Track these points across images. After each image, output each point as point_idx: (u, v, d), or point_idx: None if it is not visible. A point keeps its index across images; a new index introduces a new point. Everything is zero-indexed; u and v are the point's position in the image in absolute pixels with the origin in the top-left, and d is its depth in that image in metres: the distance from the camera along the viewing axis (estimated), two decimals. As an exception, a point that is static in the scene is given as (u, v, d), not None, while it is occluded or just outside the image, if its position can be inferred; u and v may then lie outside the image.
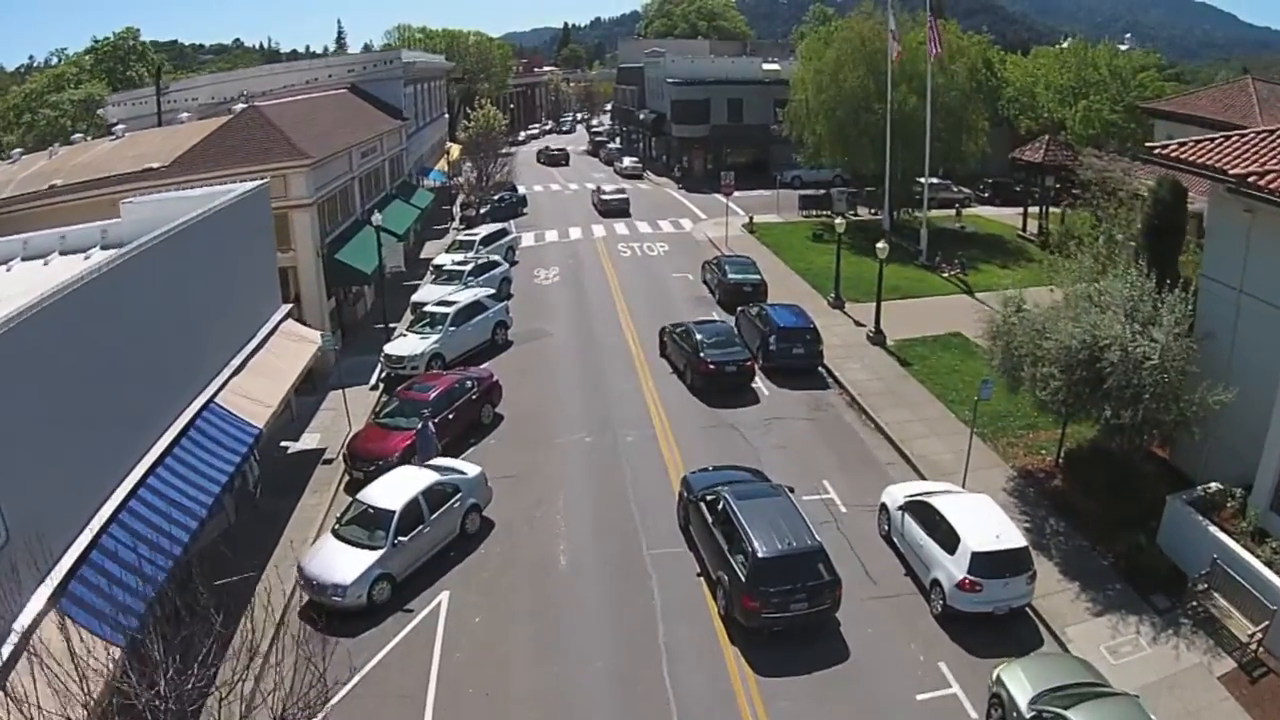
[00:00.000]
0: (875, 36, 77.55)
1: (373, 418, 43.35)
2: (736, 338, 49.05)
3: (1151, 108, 74.88)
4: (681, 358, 48.29)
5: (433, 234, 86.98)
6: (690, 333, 48.07)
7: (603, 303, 62.52)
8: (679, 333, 49.43)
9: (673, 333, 50.28)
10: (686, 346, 47.70)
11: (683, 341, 48.37)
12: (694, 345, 46.90)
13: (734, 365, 46.16)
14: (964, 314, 54.71)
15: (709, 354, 46.03)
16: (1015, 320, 35.50)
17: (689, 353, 47.14)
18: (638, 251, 76.75)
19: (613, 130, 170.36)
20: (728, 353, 46.58)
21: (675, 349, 49.43)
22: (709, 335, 47.65)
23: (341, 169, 59.35)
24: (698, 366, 46.14)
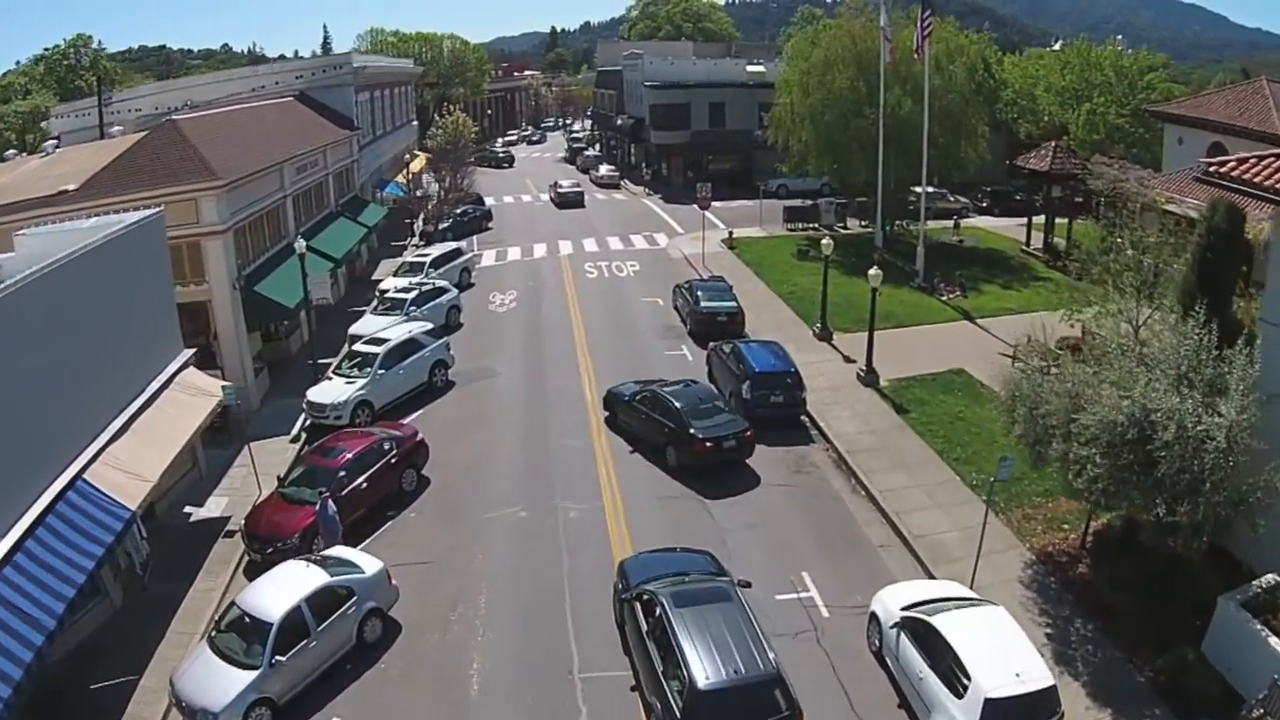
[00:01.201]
0: (866, 35, 70.91)
1: (277, 486, 36.80)
2: (722, 399, 41.27)
3: (1160, 111, 69.49)
4: (656, 433, 39.45)
5: (391, 251, 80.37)
6: (661, 400, 39.65)
7: (560, 334, 55.96)
8: (643, 399, 40.80)
9: (634, 401, 41.25)
10: (664, 420, 39.00)
11: (653, 411, 39.81)
12: (675, 418, 38.44)
13: (733, 438, 37.93)
14: (966, 345, 51.15)
15: (700, 428, 37.79)
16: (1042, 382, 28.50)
17: (670, 428, 38.47)
18: (605, 271, 70.03)
19: (592, 136, 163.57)
20: (721, 423, 38.41)
21: (641, 421, 40.59)
22: (689, 402, 39.19)
23: (270, 188, 53.26)
24: (689, 445, 37.60)
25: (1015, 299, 59.61)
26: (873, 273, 44.93)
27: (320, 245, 57.91)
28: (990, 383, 43.77)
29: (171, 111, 66.65)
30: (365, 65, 78.43)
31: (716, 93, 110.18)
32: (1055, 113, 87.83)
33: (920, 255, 63.25)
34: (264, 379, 49.86)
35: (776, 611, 28.84)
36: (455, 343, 53.66)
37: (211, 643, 26.58)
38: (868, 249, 70.57)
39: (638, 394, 41.40)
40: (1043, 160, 69.05)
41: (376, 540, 34.57)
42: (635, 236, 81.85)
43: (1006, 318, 55.25)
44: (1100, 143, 79.17)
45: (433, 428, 42.71)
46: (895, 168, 68.88)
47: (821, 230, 78.47)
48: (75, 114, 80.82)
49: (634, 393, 41.68)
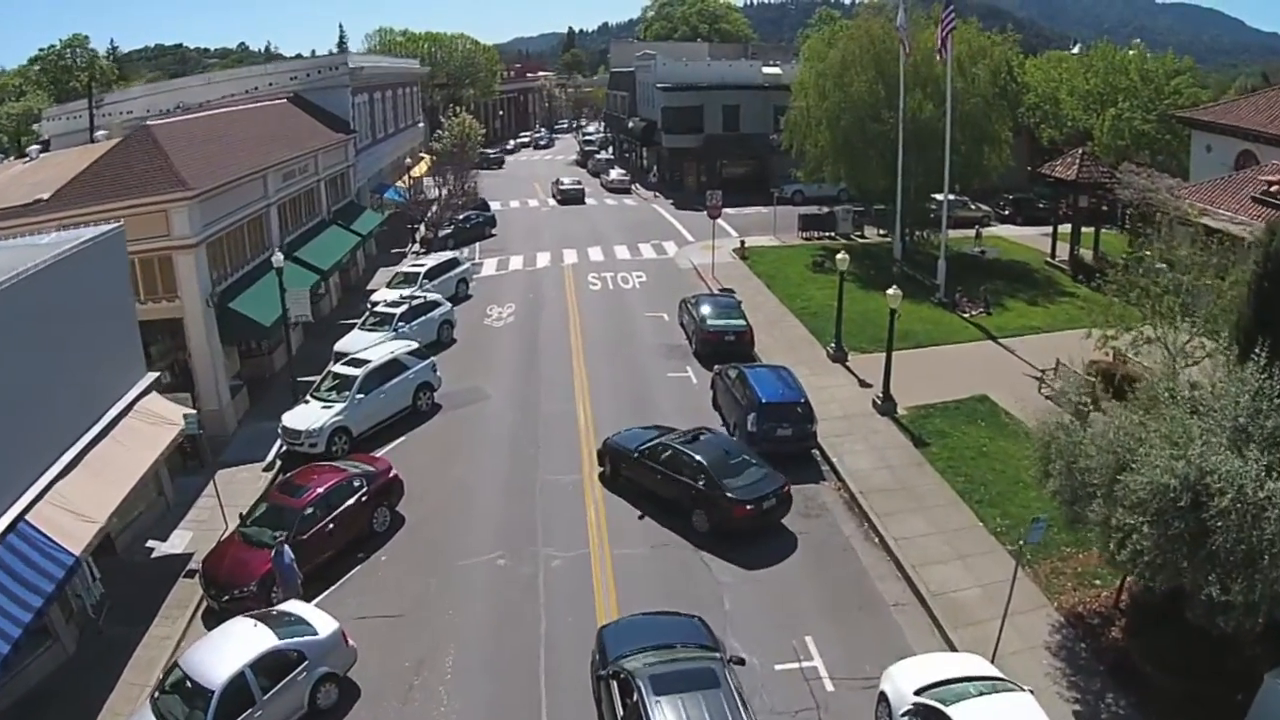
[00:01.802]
0: (885, 36, 67.57)
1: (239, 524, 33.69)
2: (753, 455, 35.55)
3: (1188, 117, 66.65)
4: (679, 494, 34.33)
5: (390, 259, 77.21)
6: (682, 456, 34.69)
7: (557, 353, 52.65)
8: (657, 454, 35.56)
9: (645, 457, 35.91)
10: (690, 480, 33.93)
11: (673, 469, 34.72)
12: (704, 477, 33.42)
13: (772, 496, 33.28)
14: (990, 368, 48.37)
15: (737, 488, 32.95)
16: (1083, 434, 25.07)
17: (698, 490, 33.43)
18: (610, 283, 66.71)
19: (605, 139, 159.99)
20: (758, 480, 33.63)
21: (657, 480, 35.30)
22: (715, 457, 34.25)
23: (250, 197, 50.29)
24: (726, 510, 32.75)
25: (1041, 316, 56.40)
26: (891, 293, 41.43)
27: (307, 256, 55.13)
28: (1016, 411, 41.17)
29: (164, 114, 64.07)
30: (362, 66, 75.26)
31: (731, 95, 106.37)
32: (1079, 118, 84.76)
33: (941, 269, 59.88)
34: (242, 399, 47.03)
35: (775, 685, 25.69)
36: (446, 360, 51.01)
37: (154, 704, 24.18)
38: (886, 260, 67.45)
39: (648, 447, 36.05)
40: (1069, 168, 65.64)
41: (342, 587, 31.82)
42: (643, 245, 78.57)
43: (1032, 337, 52.38)
44: (1125, 149, 76.59)
45: (413, 457, 40.12)
46: (915, 175, 65.40)
47: (838, 239, 75.94)
48: (67, 116, 78.03)
49: (642, 445, 36.36)
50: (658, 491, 35.30)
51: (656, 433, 37.49)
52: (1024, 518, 30.80)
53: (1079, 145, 74.83)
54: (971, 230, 75.66)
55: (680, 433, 37.08)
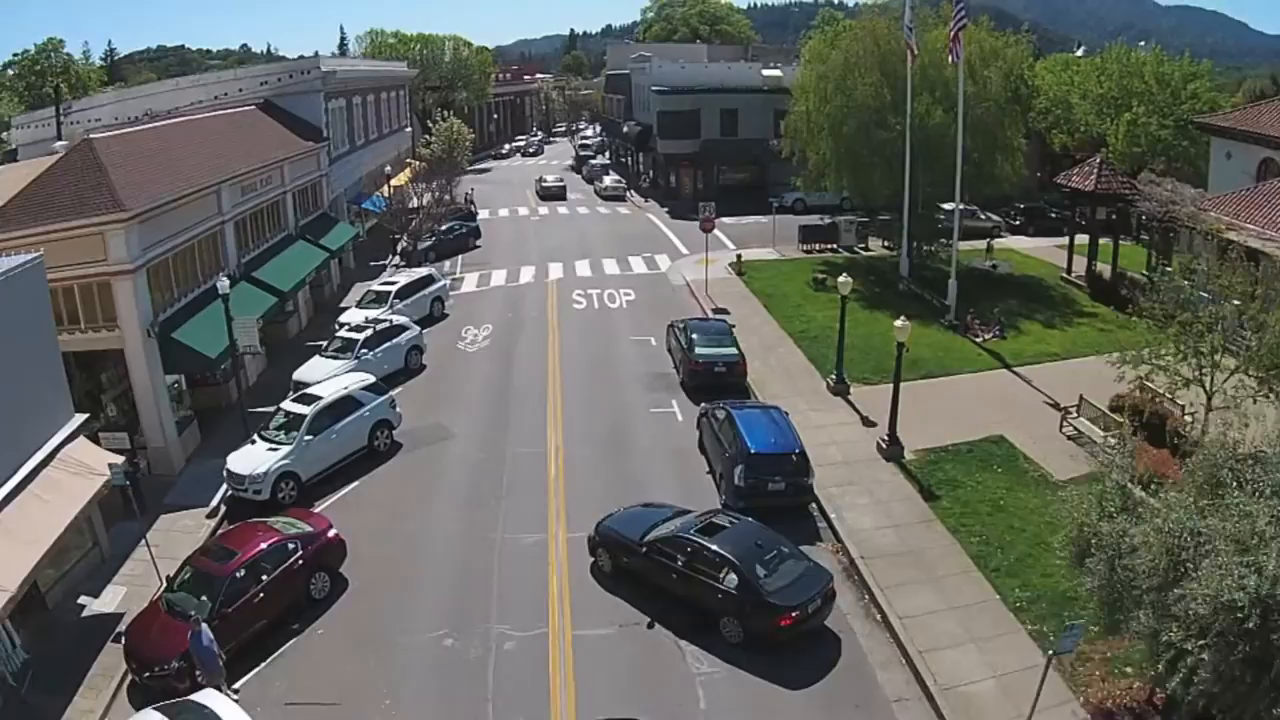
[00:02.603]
0: (891, 36, 63.50)
1: (163, 588, 30.20)
2: (787, 544, 29.73)
3: (1207, 123, 63.54)
4: (703, 597, 28.53)
5: (369, 272, 73.31)
6: (704, 551, 28.76)
7: (532, 382, 48.56)
8: (671, 547, 29.61)
9: (653, 553, 29.90)
10: (716, 582, 28.12)
11: (693, 568, 28.87)
12: (736, 576, 27.66)
13: (818, 597, 27.81)
14: (1005, 401, 44.31)
15: (777, 592, 27.31)
16: (1129, 526, 20.81)
17: (729, 594, 27.72)
18: (595, 301, 62.45)
19: (602, 144, 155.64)
20: (798, 578, 28.06)
21: (673, 580, 29.43)
22: (744, 549, 28.47)
23: (202, 214, 46.48)
24: (767, 618, 27.31)
25: (1059, 341, 52.32)
26: (899, 325, 37.12)
27: (267, 276, 51.27)
28: (1036, 453, 37.60)
29: (132, 121, 60.96)
30: (335, 70, 71.04)
31: (729, 99, 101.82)
32: (1092, 123, 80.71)
33: (952, 289, 55.58)
34: (192, 434, 43.40)
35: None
36: (412, 390, 47.54)
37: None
38: (891, 276, 63.44)
39: (658, 540, 30.04)
40: (1086, 178, 61.48)
41: (274, 664, 28.17)
42: (634, 258, 74.25)
43: (1050, 365, 48.54)
44: (1141, 156, 73.12)
45: (364, 508, 36.63)
46: (923, 184, 61.41)
47: (840, 252, 71.82)
48: (35, 125, 75.63)
49: (648, 536, 30.35)
50: (672, 591, 29.42)
51: (659, 514, 31.95)
52: (1046, 590, 27.91)
53: (1092, 151, 71.41)
54: (982, 242, 71.39)
55: (694, 517, 31.00)
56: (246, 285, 49.17)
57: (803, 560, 29.10)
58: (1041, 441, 38.83)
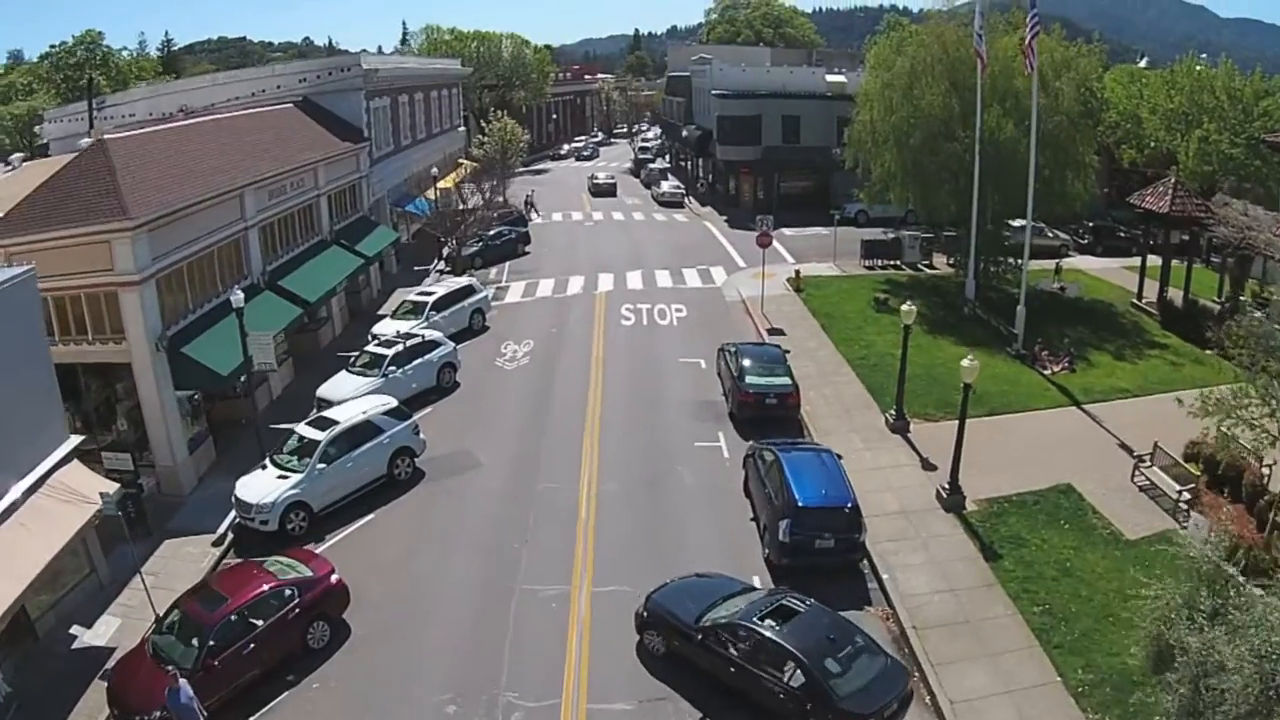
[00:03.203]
0: (960, 43, 59.56)
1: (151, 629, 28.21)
2: (862, 635, 26.12)
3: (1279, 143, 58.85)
4: (766, 695, 24.89)
5: (413, 277, 70.84)
6: (770, 645, 24.98)
7: (571, 407, 45.42)
8: (732, 637, 25.80)
9: (711, 640, 26.16)
10: (781, 677, 24.43)
11: (756, 662, 25.14)
12: (806, 679, 23.95)
13: (894, 702, 24.32)
14: (1075, 444, 40.41)
15: (853, 696, 23.74)
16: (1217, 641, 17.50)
17: (795, 695, 24.08)
18: (644, 318, 59.20)
19: (662, 147, 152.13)
20: (876, 676, 24.56)
21: (733, 673, 25.68)
22: (814, 643, 24.80)
23: (223, 220, 44.00)
24: None
25: (1130, 375, 48.57)
26: (967, 364, 33.53)
27: (293, 285, 48.77)
28: (1105, 507, 34.50)
29: (166, 118, 58.56)
30: (377, 69, 68.35)
31: (791, 104, 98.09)
32: (1162, 138, 76.53)
33: (1020, 316, 51.70)
34: (207, 451, 41.07)
35: None
36: (442, 411, 45.10)
37: None
38: (955, 297, 59.84)
39: (715, 627, 26.20)
40: (1160, 200, 57.56)
41: (263, 719, 25.59)
42: (688, 270, 70.92)
43: (1121, 403, 44.99)
44: (1212, 175, 68.83)
45: (376, 544, 34.19)
46: (992, 202, 57.72)
47: (903, 269, 68.30)
48: (68, 119, 73.40)
49: (704, 620, 26.56)
50: (728, 683, 25.84)
51: (716, 589, 28.21)
52: (1111, 672, 25.18)
53: (1162, 168, 68.86)
54: (1048, 262, 67.56)
55: (757, 599, 27.05)
56: (270, 295, 46.72)
57: (879, 655, 25.35)
58: (1112, 493, 35.63)
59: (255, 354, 39.00)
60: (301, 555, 30.63)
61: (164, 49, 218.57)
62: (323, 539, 34.75)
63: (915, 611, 29.20)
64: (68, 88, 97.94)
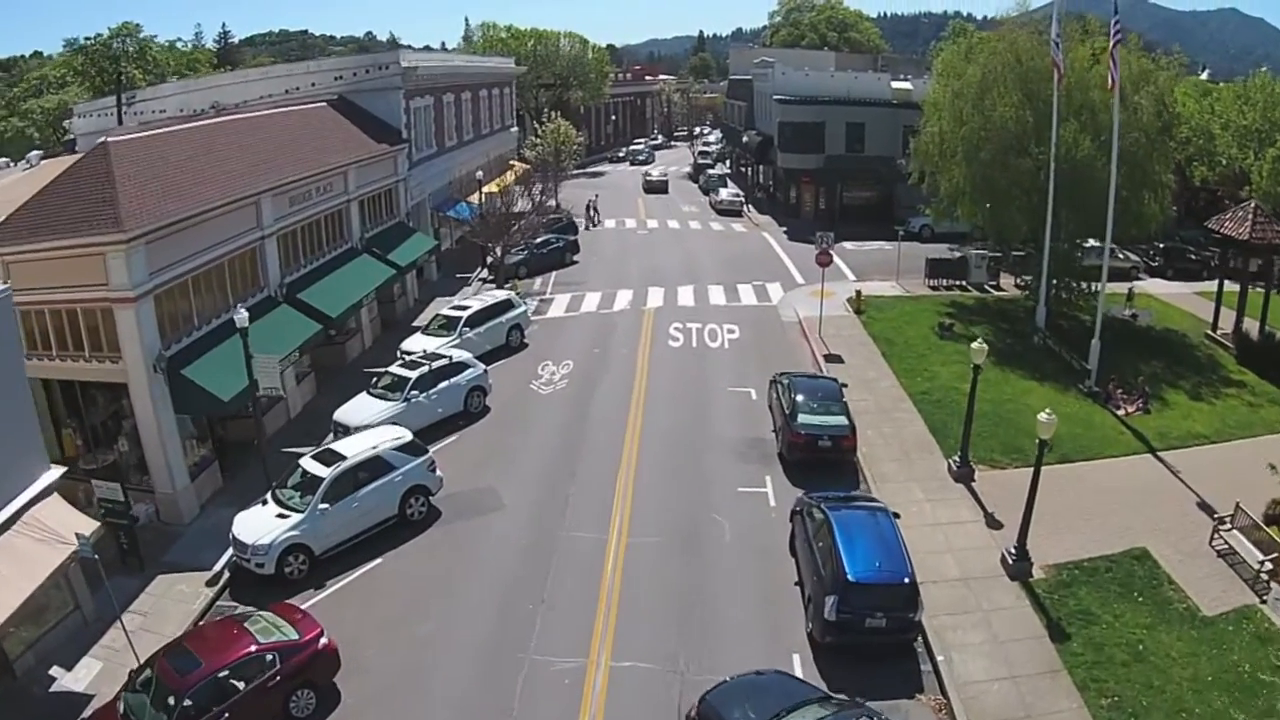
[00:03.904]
0: (1035, 52, 55.37)
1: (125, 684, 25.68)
2: None
3: None
4: None
5: (454, 285, 67.92)
6: None
7: (607, 442, 41.83)
8: None
9: None
10: None
11: None
12: None
13: None
14: (1150, 498, 36.53)
15: None
16: None
17: None
18: (694, 339, 55.47)
19: (722, 152, 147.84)
20: None
21: None
22: None
23: (236, 229, 41.23)
24: None
25: (1207, 418, 44.40)
26: (1044, 419, 29.51)
27: (314, 299, 45.71)
28: (1182, 576, 31.11)
29: (197, 114, 56.04)
30: (417, 66, 64.96)
31: (856, 111, 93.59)
32: (1235, 156, 72.57)
33: (1095, 350, 47.55)
34: (211, 477, 38.55)
35: None
36: (467, 440, 42.11)
37: None
38: (1024, 324, 56.05)
39: None
40: (1240, 225, 53.27)
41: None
42: (743, 287, 67.07)
43: (1198, 450, 41.05)
44: (1287, 195, 64.58)
45: (380, 594, 31.37)
46: (1066, 223, 53.57)
47: (969, 290, 64.26)
48: (98, 114, 71.72)
49: None
50: None
51: (781, 693, 23.46)
52: None
53: (1235, 187, 68.33)
54: (1119, 285, 62.75)
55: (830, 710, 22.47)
56: (288, 309, 43.81)
57: None
58: (1189, 558, 32.01)
59: (261, 378, 35.84)
60: (289, 613, 27.58)
61: (221, 41, 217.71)
62: (323, 585, 31.95)
63: (971, 703, 25.56)
64: (102, 80, 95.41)
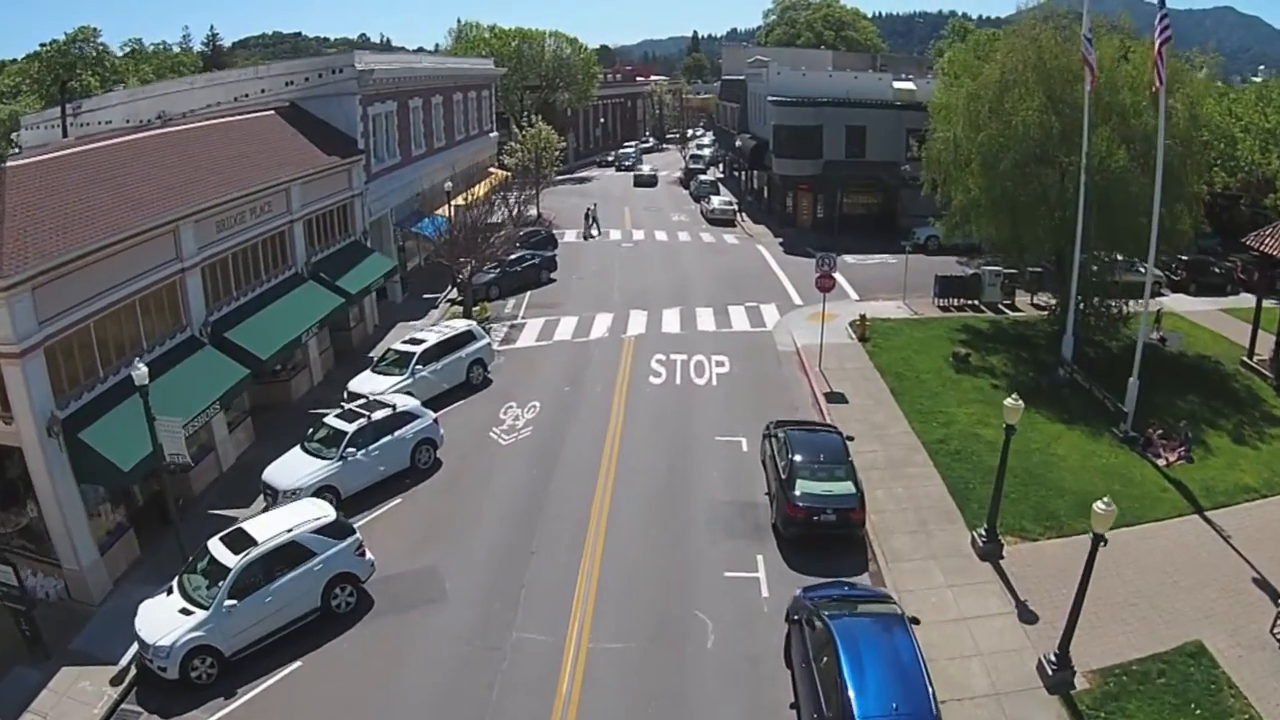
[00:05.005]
0: (1060, 50, 49.30)
1: None
2: None
3: None
4: None
5: (420, 308, 62.08)
6: None
7: (572, 509, 35.71)
8: None
9: None
10: None
11: None
12: None
13: None
14: (1201, 573, 31.01)
15: None
16: None
17: None
18: (677, 374, 49.42)
19: (715, 156, 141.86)
20: None
21: None
22: None
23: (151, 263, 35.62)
24: None
25: (1254, 466, 38.68)
26: (1101, 509, 23.47)
27: (243, 338, 39.94)
28: (1242, 679, 25.47)
29: (144, 124, 52.01)
30: (374, 69, 58.81)
31: (856, 114, 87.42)
32: (1258, 160, 68.22)
33: (1133, 390, 41.41)
34: (125, 548, 33.27)
35: None
36: (412, 504, 36.71)
37: None
38: (1045, 350, 50.72)
39: None
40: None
41: None
42: (735, 309, 61.18)
43: (1248, 507, 35.64)
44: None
45: (296, 710, 25.95)
46: (1095, 241, 47.73)
47: (983, 311, 58.37)
48: (46, 125, 67.42)
49: None
50: None
51: None
52: None
53: (1257, 193, 66.16)
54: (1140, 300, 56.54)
55: None
56: (212, 353, 38.01)
57: None
58: (1250, 652, 26.59)
59: (165, 443, 30.38)
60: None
61: (209, 44, 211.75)
62: (234, 694, 26.49)
63: None
64: (59, 89, 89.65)
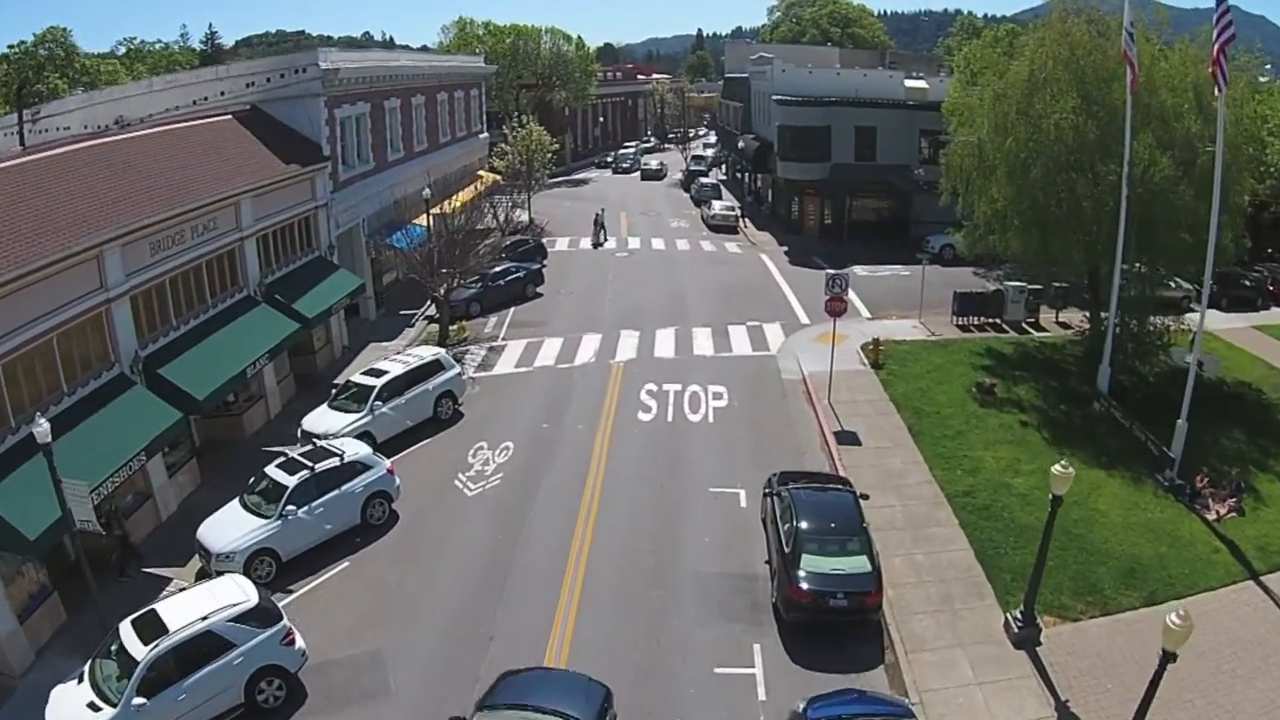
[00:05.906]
0: (1095, 47, 44.37)
1: None
2: None
3: None
4: None
5: (395, 326, 57.29)
6: None
7: (540, 581, 30.69)
8: None
9: None
10: None
11: None
12: None
13: None
14: (1264, 657, 26.36)
15: None
16: None
17: None
18: (670, 408, 44.37)
19: (717, 157, 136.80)
20: None
21: None
22: None
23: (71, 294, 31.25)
24: None
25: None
26: (1176, 622, 19.00)
27: (178, 375, 35.23)
28: None
29: (101, 130, 48.97)
30: (340, 67, 53.73)
31: (865, 114, 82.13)
32: (1285, 166, 63.07)
33: (1181, 432, 36.31)
34: (49, 614, 29.41)
35: None
36: (356, 574, 31.90)
37: None
38: (1076, 377, 46.22)
39: None
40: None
41: None
42: (736, 329, 56.07)
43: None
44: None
45: None
46: (1136, 256, 43.11)
47: (1006, 330, 53.44)
48: (4, 131, 63.94)
49: None
50: None
51: None
52: None
53: None
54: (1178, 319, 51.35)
55: None
56: (142, 392, 33.38)
57: None
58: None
59: (74, 508, 25.91)
60: None
61: (208, 42, 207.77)
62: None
63: None
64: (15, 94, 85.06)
